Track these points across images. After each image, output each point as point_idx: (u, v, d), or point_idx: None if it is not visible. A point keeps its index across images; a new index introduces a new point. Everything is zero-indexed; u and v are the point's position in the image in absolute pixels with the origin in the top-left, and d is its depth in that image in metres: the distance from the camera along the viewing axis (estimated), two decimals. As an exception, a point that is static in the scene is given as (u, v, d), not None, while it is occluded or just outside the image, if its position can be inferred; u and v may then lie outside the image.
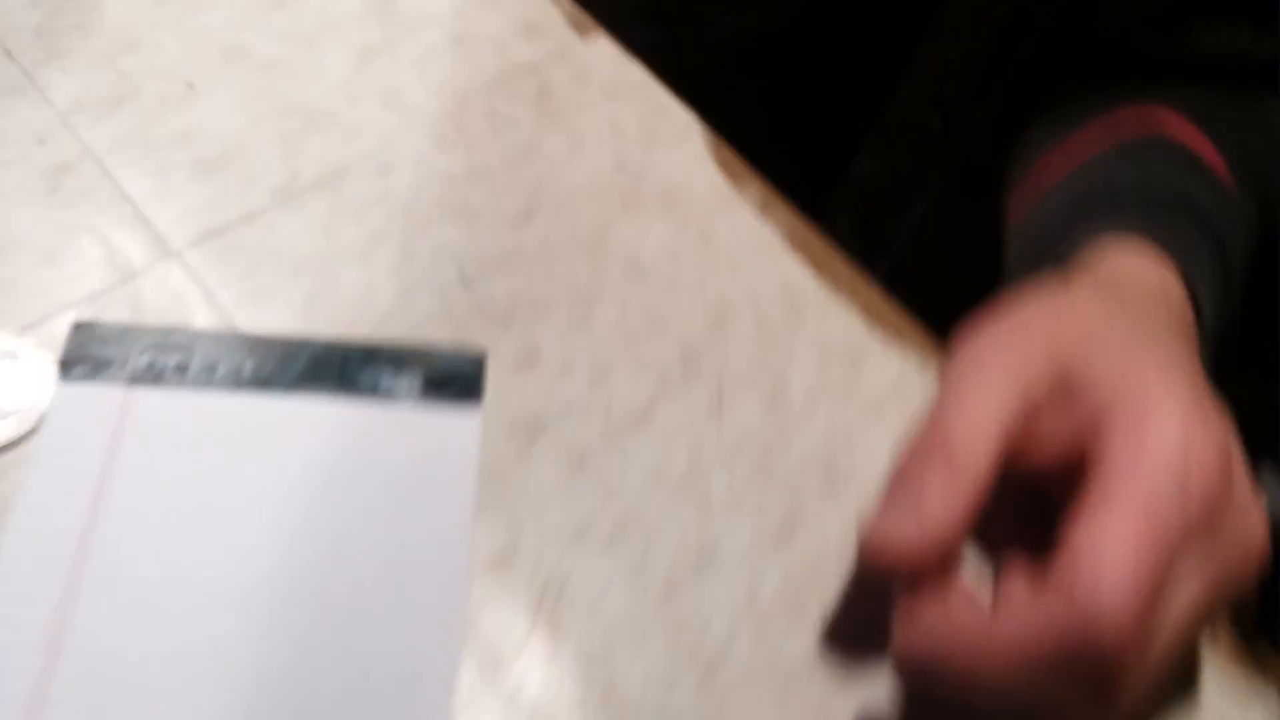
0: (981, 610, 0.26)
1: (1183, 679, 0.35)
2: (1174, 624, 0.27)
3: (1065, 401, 0.29)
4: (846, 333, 0.41)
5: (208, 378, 0.36)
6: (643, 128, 0.45)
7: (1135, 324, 0.34)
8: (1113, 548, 0.25)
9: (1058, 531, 0.26)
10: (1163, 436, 0.27)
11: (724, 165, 0.44)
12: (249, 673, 0.32)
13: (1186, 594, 0.27)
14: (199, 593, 0.33)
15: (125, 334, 0.36)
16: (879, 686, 0.31)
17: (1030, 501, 0.29)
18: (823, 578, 0.36)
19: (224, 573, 0.33)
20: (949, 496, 0.27)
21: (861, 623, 0.30)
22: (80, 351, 0.36)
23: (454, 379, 0.37)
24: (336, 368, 0.37)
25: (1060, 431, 0.29)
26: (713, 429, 0.38)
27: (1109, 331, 0.31)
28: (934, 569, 0.27)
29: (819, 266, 0.43)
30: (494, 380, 0.37)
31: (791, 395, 0.39)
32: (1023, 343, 0.30)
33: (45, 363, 0.35)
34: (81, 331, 0.36)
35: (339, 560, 0.34)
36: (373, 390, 0.37)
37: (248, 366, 0.36)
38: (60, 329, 0.36)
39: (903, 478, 0.27)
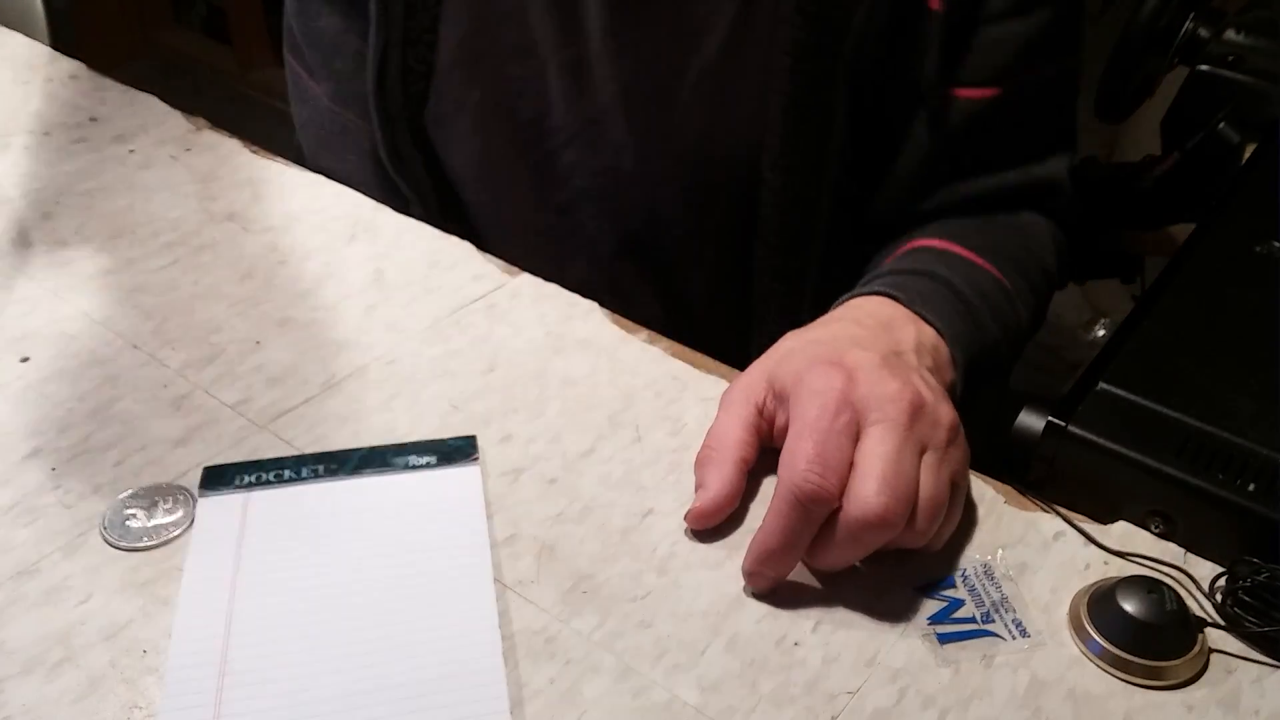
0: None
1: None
2: (880, 460, 0.49)
3: (780, 398, 0.54)
4: (715, 387, 0.61)
5: (296, 478, 0.54)
6: (560, 314, 0.66)
7: (822, 337, 0.58)
8: (791, 444, 0.50)
9: None
10: (807, 389, 0.51)
11: (618, 323, 0.66)
12: (350, 677, 0.47)
13: (879, 447, 0.49)
14: (312, 618, 0.49)
15: (240, 466, 0.55)
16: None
17: None
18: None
19: (327, 598, 0.50)
20: (720, 477, 0.52)
21: None
22: (212, 481, 0.54)
23: (457, 451, 0.56)
24: (379, 459, 0.55)
25: (783, 415, 0.54)
26: (636, 450, 0.57)
27: (797, 348, 0.56)
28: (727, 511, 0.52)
29: (691, 360, 0.63)
30: (486, 454, 0.56)
31: (687, 425, 0.58)
32: (749, 376, 0.56)
33: (192, 491, 0.54)
34: (211, 470, 0.55)
35: (401, 578, 0.51)
36: (404, 467, 0.55)
37: (321, 468, 0.55)
38: (198, 475, 0.54)
39: (698, 474, 0.54)
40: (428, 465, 0.55)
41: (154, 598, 0.49)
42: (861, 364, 0.52)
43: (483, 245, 0.72)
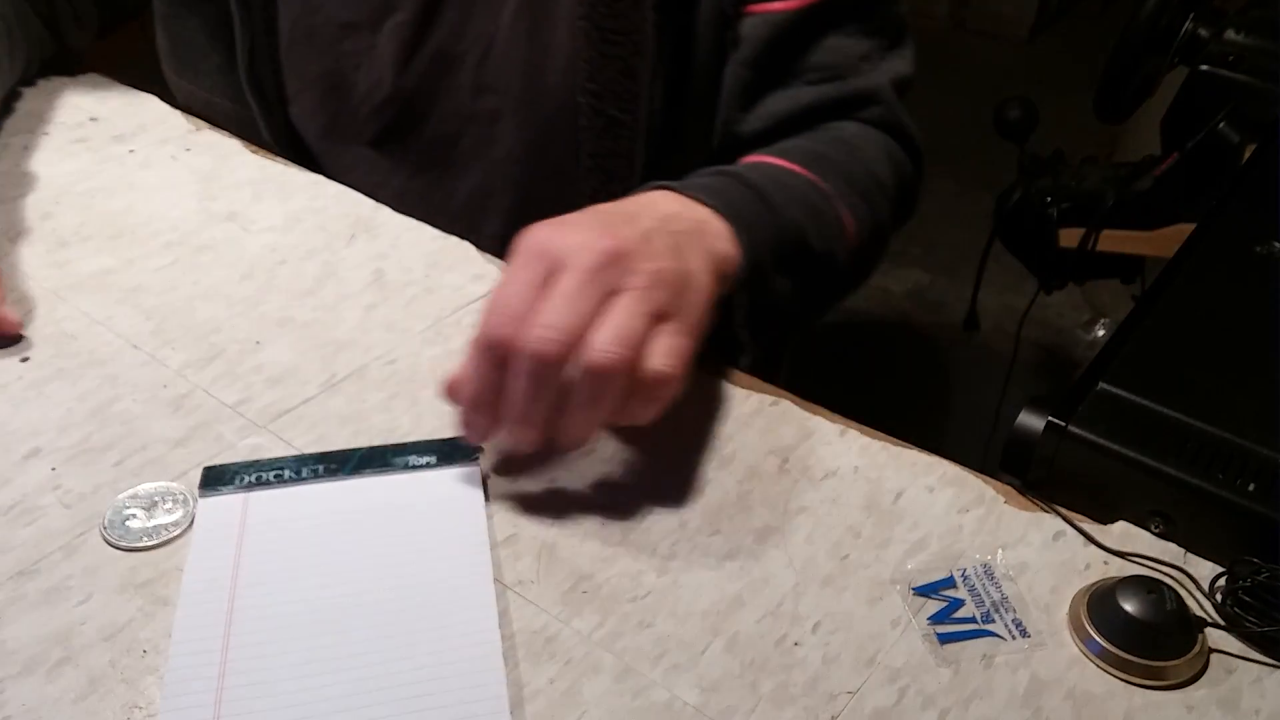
0: None
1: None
2: (553, 298, 0.50)
3: None
4: (715, 388, 0.61)
5: (296, 478, 0.54)
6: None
7: (591, 213, 0.57)
8: (495, 295, 0.51)
9: None
10: (517, 246, 0.53)
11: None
12: (350, 676, 0.47)
13: (555, 289, 0.51)
14: (312, 618, 0.49)
15: (240, 466, 0.55)
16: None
17: None
18: (726, 516, 0.53)
19: (327, 598, 0.50)
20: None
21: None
22: (212, 481, 0.54)
23: (457, 451, 0.56)
24: (379, 459, 0.55)
25: None
26: (636, 449, 0.57)
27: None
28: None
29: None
30: (486, 454, 0.56)
31: (687, 425, 0.58)
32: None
33: (192, 491, 0.54)
34: (211, 470, 0.55)
35: (402, 579, 0.51)
36: (405, 467, 0.55)
37: (321, 468, 0.55)
38: (198, 475, 0.54)
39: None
40: (428, 465, 0.55)
41: (154, 598, 0.49)
42: (571, 221, 0.54)
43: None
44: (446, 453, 0.56)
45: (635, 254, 0.52)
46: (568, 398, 0.50)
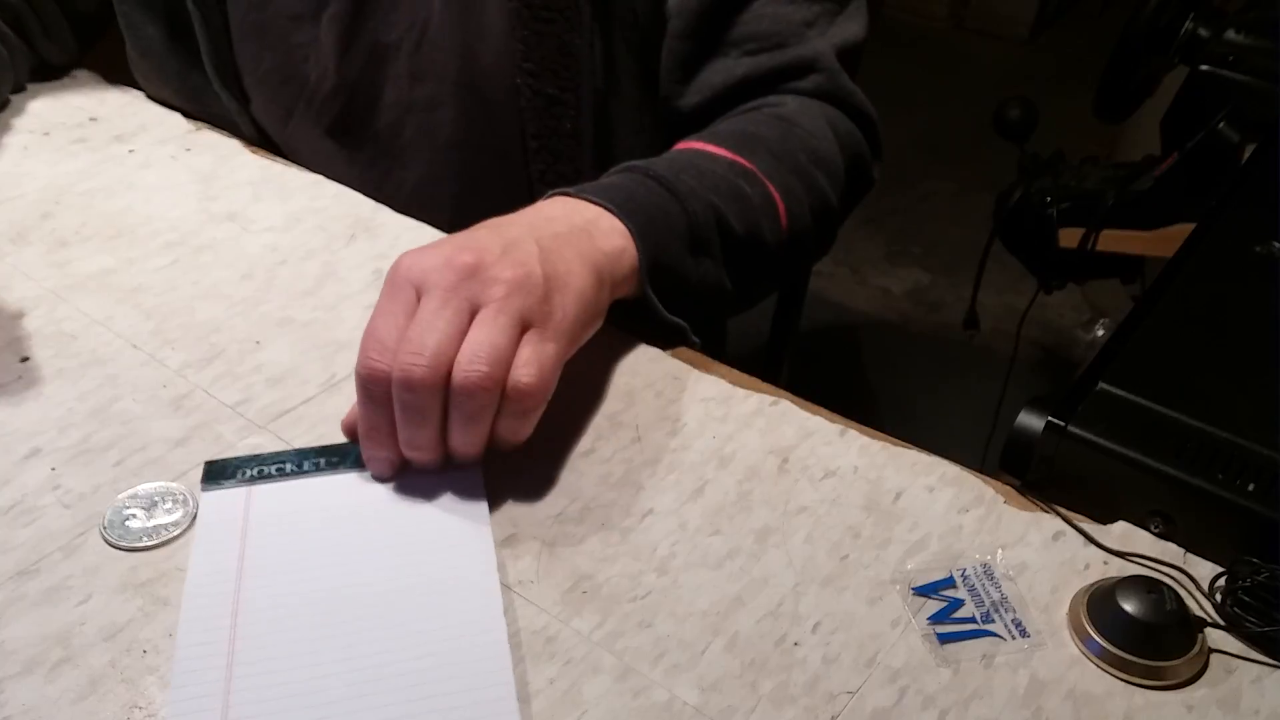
0: None
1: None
2: (415, 325, 0.51)
3: None
4: (715, 387, 0.61)
5: (298, 471, 0.54)
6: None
7: (464, 232, 0.57)
8: (366, 329, 0.52)
9: None
10: (389, 271, 0.54)
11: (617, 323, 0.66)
12: (356, 666, 0.47)
13: (419, 314, 0.52)
14: (317, 609, 0.49)
15: (241, 460, 0.55)
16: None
17: None
18: (726, 516, 0.53)
19: (333, 589, 0.49)
20: None
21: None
22: (214, 475, 0.54)
23: (459, 451, 0.56)
24: (381, 458, 0.55)
25: None
26: (636, 450, 0.57)
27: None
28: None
29: (691, 360, 0.63)
30: (486, 454, 0.56)
31: (687, 425, 0.58)
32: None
33: (193, 490, 0.54)
34: (213, 465, 0.55)
35: (407, 571, 0.50)
36: (407, 466, 0.55)
37: (322, 461, 0.55)
38: (198, 475, 0.54)
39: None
40: (429, 462, 0.55)
41: (154, 598, 0.49)
42: (437, 243, 0.55)
43: None
44: None
45: (492, 264, 0.53)
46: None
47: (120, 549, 0.51)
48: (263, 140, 0.84)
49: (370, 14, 0.77)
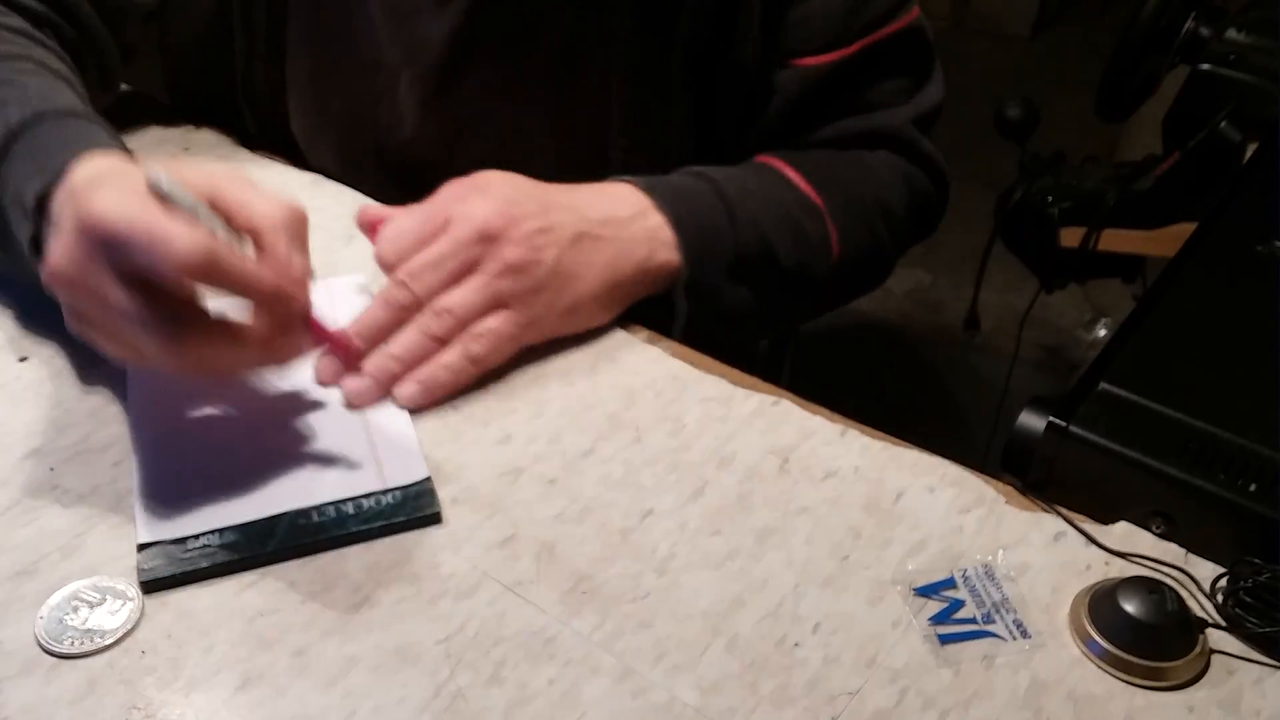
0: None
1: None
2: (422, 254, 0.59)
3: None
4: (716, 387, 0.61)
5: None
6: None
7: (522, 186, 0.62)
8: (391, 224, 0.62)
9: None
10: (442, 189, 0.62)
11: (618, 323, 0.66)
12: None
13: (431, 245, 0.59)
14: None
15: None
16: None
17: None
18: (726, 517, 0.53)
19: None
20: None
21: None
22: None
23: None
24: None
25: None
26: (636, 450, 0.57)
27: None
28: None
29: (691, 360, 0.63)
30: (486, 454, 0.56)
31: (687, 425, 0.58)
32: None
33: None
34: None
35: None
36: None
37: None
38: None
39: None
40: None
41: (154, 597, 0.49)
42: (490, 186, 0.61)
43: None
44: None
45: (511, 240, 0.59)
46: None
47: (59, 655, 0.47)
48: (265, 141, 0.83)
49: (461, 71, 0.73)
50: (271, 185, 0.75)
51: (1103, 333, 1.87)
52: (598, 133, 0.74)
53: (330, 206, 0.75)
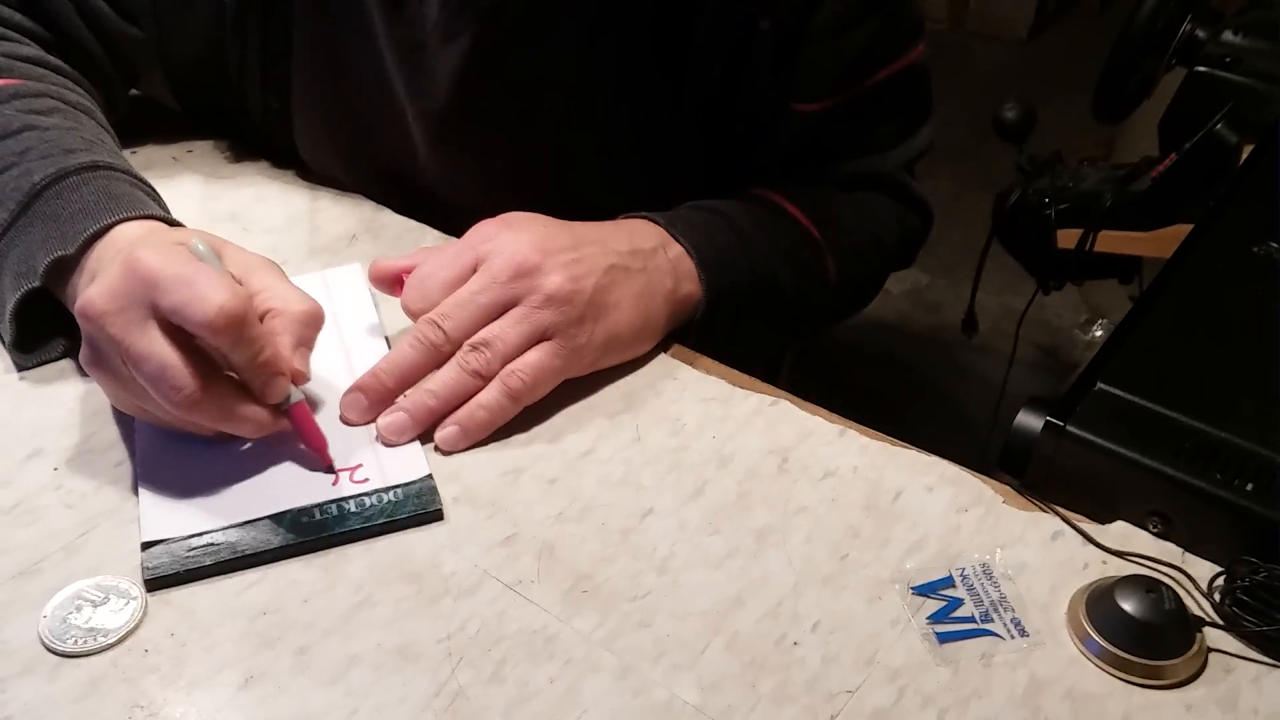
0: None
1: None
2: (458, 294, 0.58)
3: None
4: (715, 388, 0.61)
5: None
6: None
7: (553, 224, 0.62)
8: (421, 267, 0.61)
9: None
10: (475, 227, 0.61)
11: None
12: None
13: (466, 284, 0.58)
14: None
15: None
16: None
17: None
18: (725, 516, 0.53)
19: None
20: None
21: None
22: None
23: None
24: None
25: None
26: (636, 450, 0.57)
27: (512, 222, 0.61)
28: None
29: (691, 361, 0.63)
30: (486, 454, 0.56)
31: (687, 425, 0.58)
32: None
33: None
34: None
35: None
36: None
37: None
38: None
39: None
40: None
41: (155, 597, 0.49)
42: (521, 223, 0.59)
43: None
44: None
45: (549, 271, 0.57)
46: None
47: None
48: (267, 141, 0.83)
49: (468, 111, 0.72)
50: (272, 186, 0.76)
51: (1100, 333, 1.87)
52: (606, 167, 0.75)
53: (330, 207, 0.75)
